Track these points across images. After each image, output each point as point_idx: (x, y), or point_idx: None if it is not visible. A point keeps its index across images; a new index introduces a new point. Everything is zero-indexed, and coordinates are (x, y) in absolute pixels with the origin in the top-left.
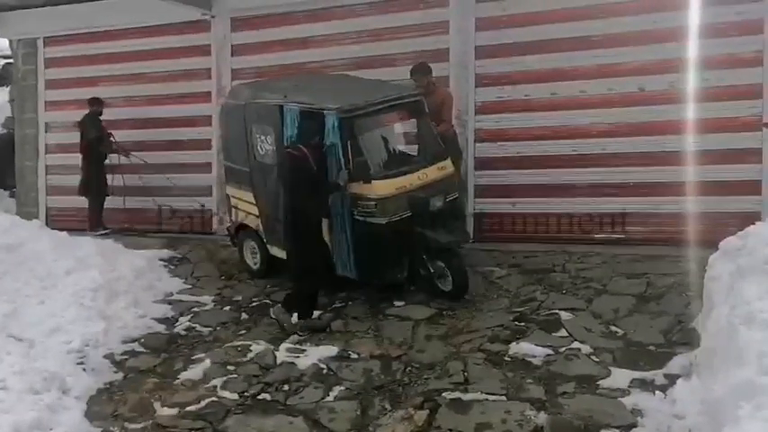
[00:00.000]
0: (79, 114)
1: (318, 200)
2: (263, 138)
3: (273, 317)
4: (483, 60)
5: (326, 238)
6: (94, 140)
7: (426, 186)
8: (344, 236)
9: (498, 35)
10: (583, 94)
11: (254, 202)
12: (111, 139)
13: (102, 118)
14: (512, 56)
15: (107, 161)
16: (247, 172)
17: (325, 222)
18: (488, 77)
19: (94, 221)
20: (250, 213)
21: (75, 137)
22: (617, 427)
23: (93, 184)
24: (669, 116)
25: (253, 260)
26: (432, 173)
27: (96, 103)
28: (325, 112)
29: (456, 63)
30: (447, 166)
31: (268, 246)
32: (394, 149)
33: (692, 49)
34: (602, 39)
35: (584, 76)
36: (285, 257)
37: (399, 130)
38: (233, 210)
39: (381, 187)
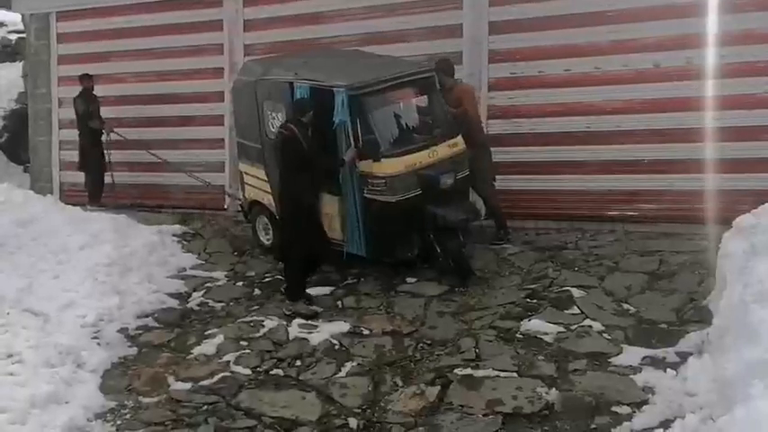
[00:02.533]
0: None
1: (309, 177)
2: (274, 114)
3: (288, 312)
4: (496, 36)
5: (338, 215)
6: (83, 116)
7: (437, 164)
8: (354, 214)
9: (512, 10)
10: (597, 71)
11: (266, 179)
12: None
13: (114, 94)
14: (525, 31)
15: (105, 137)
16: (259, 149)
17: (336, 200)
18: (501, 53)
19: (92, 196)
20: (262, 190)
21: None
22: (628, 404)
23: (87, 160)
24: (685, 93)
25: (265, 236)
26: (442, 150)
27: (87, 79)
28: (334, 89)
29: (469, 39)
30: (458, 143)
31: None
32: (404, 126)
33: (709, 24)
34: (617, 14)
35: (598, 52)
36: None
37: (410, 107)
38: (246, 186)
39: (391, 165)
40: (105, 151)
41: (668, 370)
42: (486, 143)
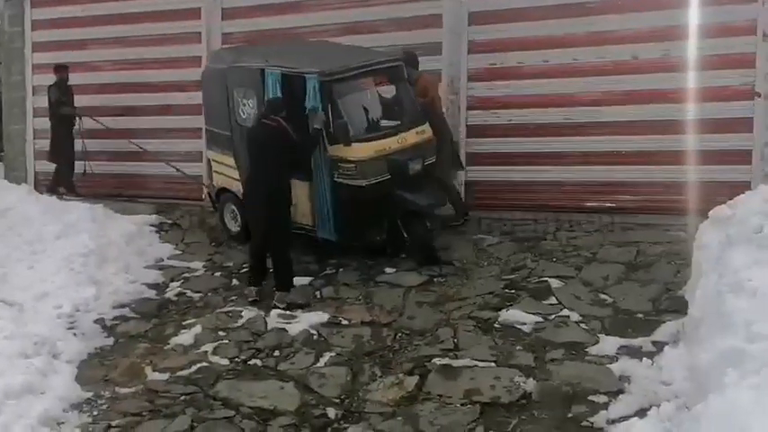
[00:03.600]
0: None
1: (293, 166)
2: (244, 102)
3: (282, 306)
4: (476, 27)
5: (308, 200)
6: (56, 104)
7: (405, 150)
8: (325, 198)
9: (491, 1)
10: (575, 62)
11: (235, 166)
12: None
13: (90, 82)
14: (504, 22)
15: (76, 127)
16: (229, 136)
17: (306, 185)
18: (481, 44)
19: (57, 183)
20: (230, 177)
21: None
22: (604, 393)
23: (59, 149)
24: (661, 85)
25: (233, 223)
26: (410, 137)
27: (62, 70)
28: (306, 75)
29: (449, 30)
30: (425, 130)
31: None
32: (374, 113)
33: (686, 17)
34: (595, 6)
35: (577, 43)
36: (256, 226)
37: (379, 95)
38: (214, 174)
39: (361, 150)
40: (76, 140)
41: (644, 359)
42: (450, 132)
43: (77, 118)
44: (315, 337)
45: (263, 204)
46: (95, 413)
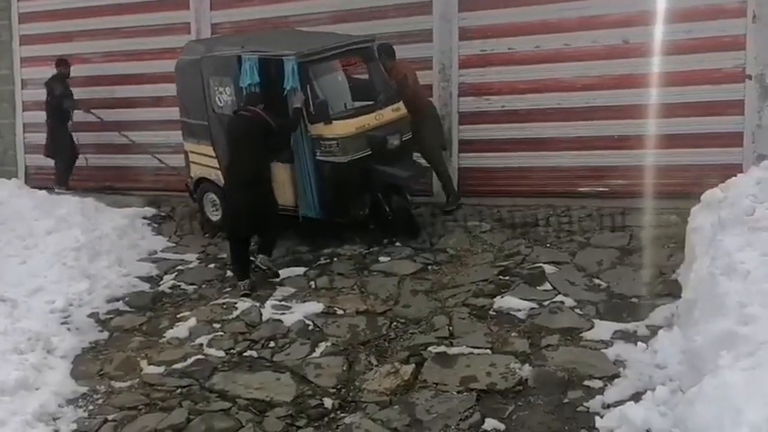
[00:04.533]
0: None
1: (272, 152)
2: (221, 90)
3: (263, 267)
4: (466, 13)
5: (290, 182)
6: (58, 98)
7: (383, 126)
8: (307, 177)
9: None
10: (567, 47)
11: (214, 155)
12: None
13: (80, 74)
14: (495, 8)
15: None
16: (206, 125)
17: (287, 167)
18: (472, 30)
19: (62, 179)
20: (209, 166)
21: None
22: (600, 378)
23: (58, 144)
24: (653, 68)
25: (213, 212)
26: (387, 114)
27: (63, 65)
28: (284, 58)
29: (439, 16)
30: (400, 107)
31: None
32: (351, 91)
33: (676, 0)
34: None
35: (568, 28)
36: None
37: (354, 74)
38: (192, 165)
39: (342, 127)
40: (73, 134)
41: (639, 343)
42: (434, 111)
43: (72, 112)
44: (310, 327)
45: (247, 192)
46: (91, 408)
